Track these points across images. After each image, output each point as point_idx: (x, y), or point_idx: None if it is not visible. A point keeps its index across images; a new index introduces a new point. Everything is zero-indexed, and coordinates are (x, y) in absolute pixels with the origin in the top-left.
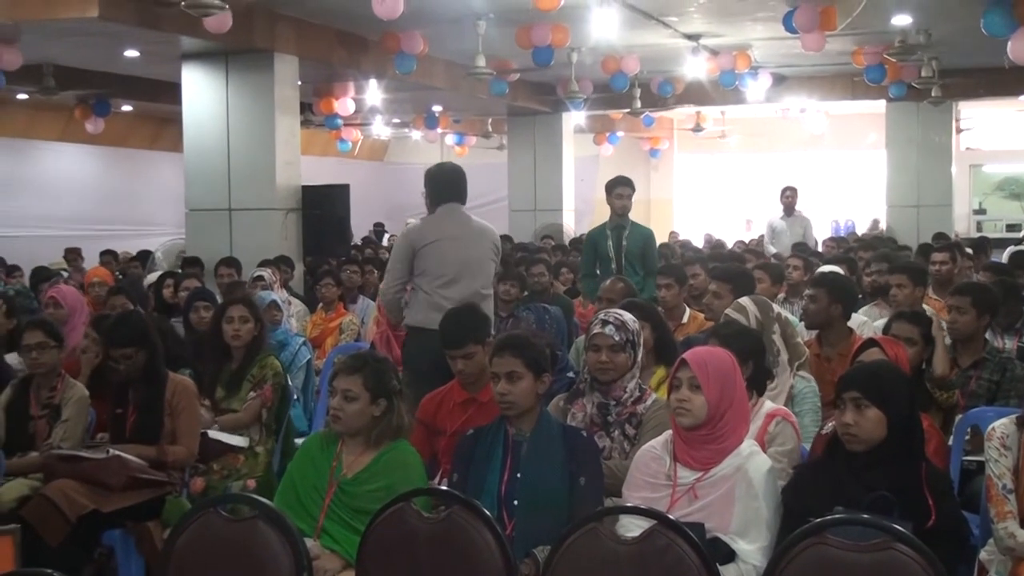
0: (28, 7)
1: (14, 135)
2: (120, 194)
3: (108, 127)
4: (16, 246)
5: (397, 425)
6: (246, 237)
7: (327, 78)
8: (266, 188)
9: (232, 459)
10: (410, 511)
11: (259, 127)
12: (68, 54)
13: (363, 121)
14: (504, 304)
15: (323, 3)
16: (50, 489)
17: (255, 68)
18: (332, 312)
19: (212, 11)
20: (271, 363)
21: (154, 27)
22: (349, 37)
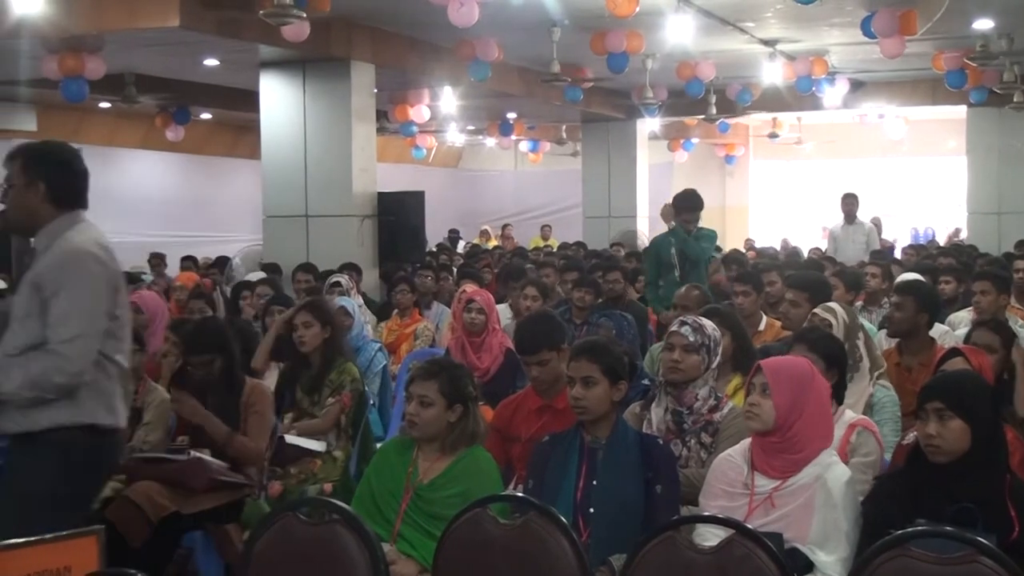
0: (111, 17)
1: (97, 143)
2: (199, 200)
3: (188, 135)
4: None
5: (473, 431)
6: (323, 243)
7: (402, 85)
8: (342, 195)
9: (310, 463)
10: (486, 517)
11: (336, 134)
12: (149, 63)
13: (438, 128)
14: (578, 311)
15: (399, 11)
16: (133, 491)
17: (332, 76)
18: (407, 318)
19: (290, 20)
20: (349, 369)
21: (233, 36)
22: (424, 45)
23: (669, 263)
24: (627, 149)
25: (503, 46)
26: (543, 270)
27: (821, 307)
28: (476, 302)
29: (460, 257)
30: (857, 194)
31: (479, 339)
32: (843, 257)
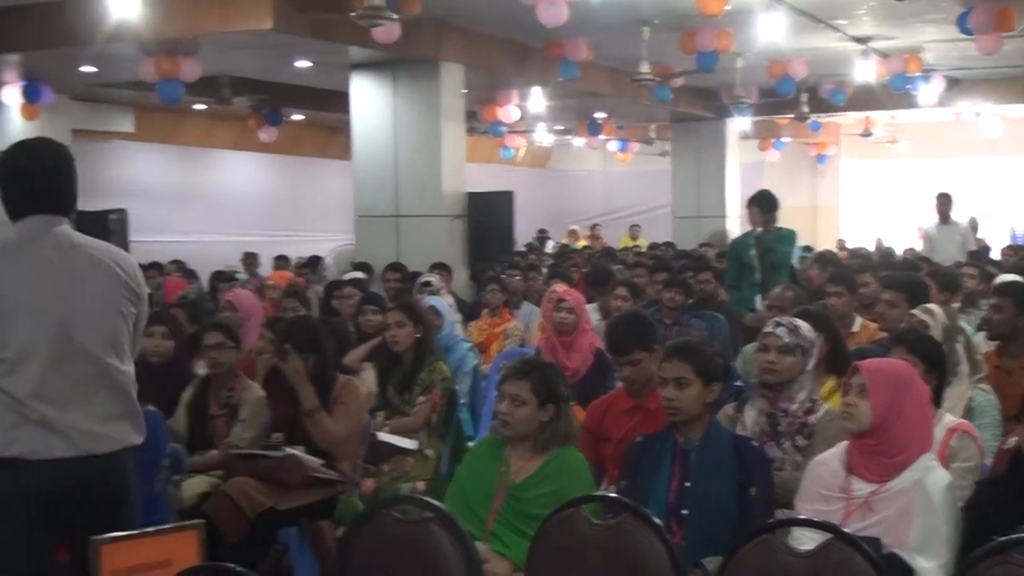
0: (206, 21)
1: (192, 144)
2: (291, 200)
3: (280, 135)
4: (193, 250)
5: (565, 431)
6: (413, 243)
7: (491, 86)
8: (432, 195)
9: (402, 461)
10: (580, 517)
11: (425, 135)
12: (242, 65)
13: (527, 128)
14: (669, 311)
15: (489, 12)
16: (230, 487)
17: (422, 77)
18: (497, 318)
19: (381, 21)
20: (440, 368)
21: (325, 38)
22: (513, 45)
23: (749, 265)
24: (717, 149)
25: (592, 45)
26: (635, 270)
27: (919, 308)
28: (566, 302)
29: (549, 257)
30: (951, 194)
31: (569, 339)
32: (939, 258)
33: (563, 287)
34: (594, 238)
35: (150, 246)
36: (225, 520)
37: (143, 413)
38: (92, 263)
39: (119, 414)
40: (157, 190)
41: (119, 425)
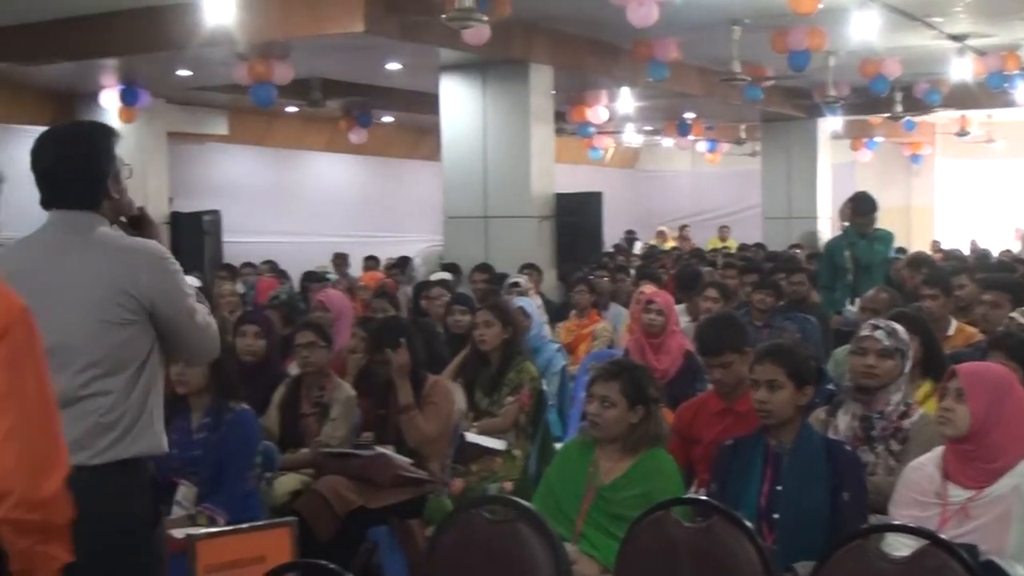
0: (298, 24)
1: (284, 146)
2: (380, 202)
3: (370, 137)
4: (285, 251)
5: (655, 433)
6: (501, 244)
7: (580, 87)
8: (521, 196)
9: (490, 462)
10: (670, 520)
11: (514, 136)
12: (334, 68)
13: (615, 129)
14: (759, 313)
15: (578, 13)
16: (321, 485)
17: (511, 78)
18: (585, 319)
19: (472, 24)
20: (527, 368)
21: (415, 40)
22: (602, 46)
23: (843, 267)
24: (808, 149)
25: (682, 45)
26: (726, 271)
27: (1019, 312)
28: (655, 303)
29: (637, 258)
30: None
31: (658, 340)
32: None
33: (652, 288)
34: (683, 239)
35: (242, 247)
36: (316, 518)
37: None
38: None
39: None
40: (250, 191)
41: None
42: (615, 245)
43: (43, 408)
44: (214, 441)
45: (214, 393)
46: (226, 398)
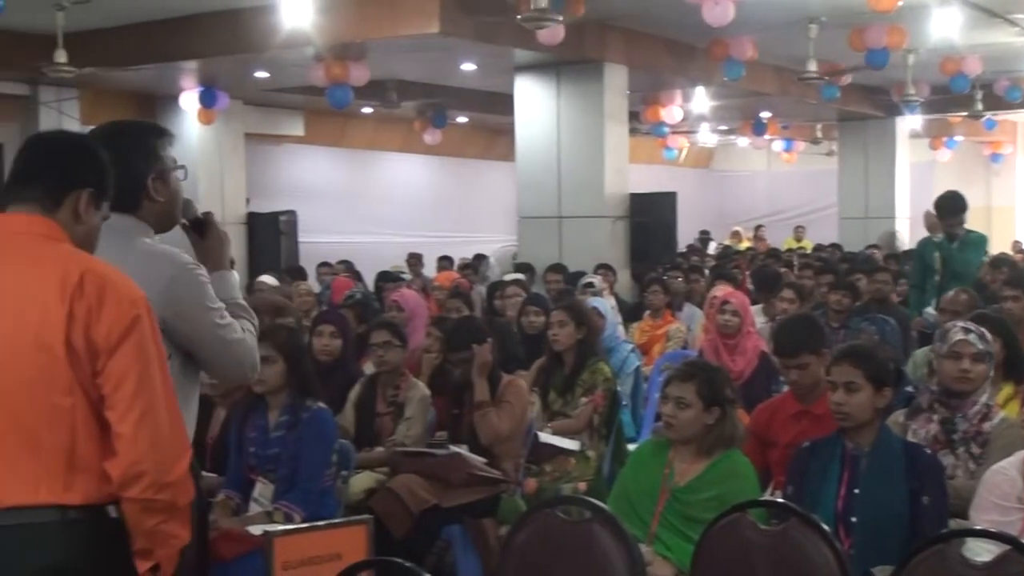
0: (374, 26)
1: (359, 147)
2: (454, 202)
3: (444, 138)
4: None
5: (730, 434)
6: (575, 244)
7: (655, 86)
8: (595, 196)
9: (563, 462)
10: (746, 522)
11: (589, 136)
12: (409, 69)
13: (689, 128)
14: (835, 314)
15: (653, 12)
16: (395, 483)
17: (585, 78)
18: (659, 319)
19: (547, 24)
20: (601, 369)
21: (490, 41)
22: (677, 45)
23: (932, 268)
24: (886, 148)
25: (758, 44)
26: (802, 272)
27: None
28: (731, 304)
29: (711, 258)
30: None
31: (733, 341)
32: None
33: (727, 288)
34: (758, 239)
35: (318, 247)
36: (391, 516)
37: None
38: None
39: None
40: (325, 192)
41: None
42: (689, 245)
43: (168, 394)
44: (291, 439)
45: (291, 391)
46: (303, 396)
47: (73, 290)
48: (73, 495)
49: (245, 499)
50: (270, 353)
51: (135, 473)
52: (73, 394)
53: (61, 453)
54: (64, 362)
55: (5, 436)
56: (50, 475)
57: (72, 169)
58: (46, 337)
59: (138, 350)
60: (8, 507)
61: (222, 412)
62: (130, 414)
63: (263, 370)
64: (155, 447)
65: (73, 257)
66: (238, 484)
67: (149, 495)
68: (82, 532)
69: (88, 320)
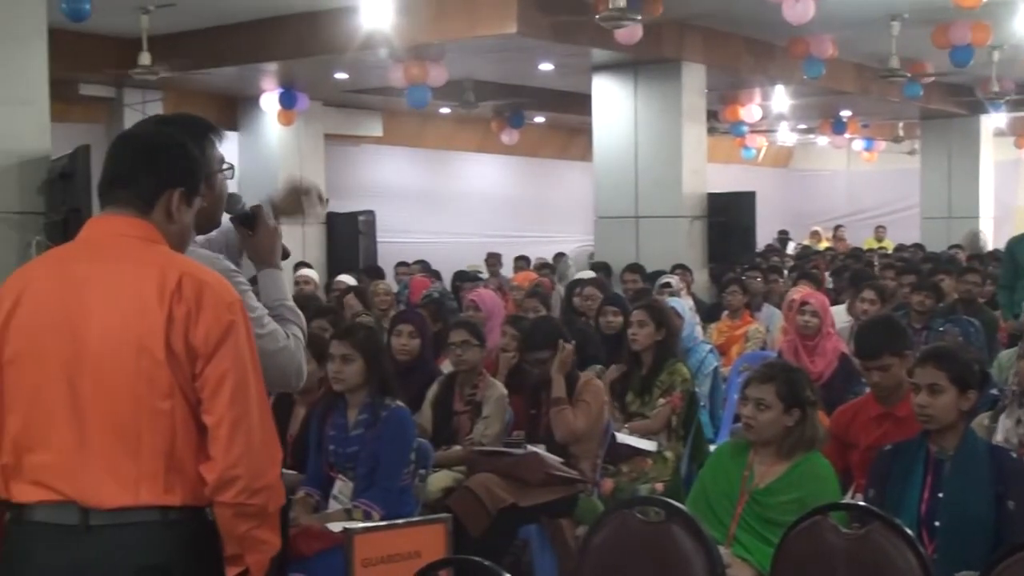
0: (452, 26)
1: (437, 147)
2: (531, 202)
3: (521, 138)
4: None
5: (811, 436)
6: (652, 244)
7: (733, 85)
8: (672, 196)
9: (641, 462)
10: (827, 525)
11: (666, 136)
12: (486, 69)
13: (768, 127)
14: (918, 316)
15: (731, 11)
16: (473, 482)
17: (663, 77)
18: (738, 320)
19: (625, 23)
20: (680, 370)
21: (568, 40)
22: (756, 43)
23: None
24: (970, 146)
25: (838, 42)
26: (883, 272)
27: None
28: (810, 304)
29: (790, 258)
30: None
31: (812, 342)
32: None
33: (807, 289)
34: (837, 239)
35: (396, 246)
36: (468, 515)
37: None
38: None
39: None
40: (403, 192)
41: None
42: (768, 245)
43: (261, 400)
44: (370, 437)
45: (371, 390)
46: (382, 395)
47: (172, 293)
48: (173, 496)
49: (325, 496)
50: (350, 352)
51: (229, 477)
52: (173, 397)
53: (161, 455)
54: (164, 365)
55: (107, 438)
56: (150, 477)
57: (163, 169)
58: (147, 340)
59: (235, 355)
60: (111, 508)
61: (302, 410)
62: (226, 418)
63: (343, 368)
64: (249, 452)
65: (171, 260)
66: (318, 482)
67: (242, 499)
68: (183, 533)
69: (187, 323)
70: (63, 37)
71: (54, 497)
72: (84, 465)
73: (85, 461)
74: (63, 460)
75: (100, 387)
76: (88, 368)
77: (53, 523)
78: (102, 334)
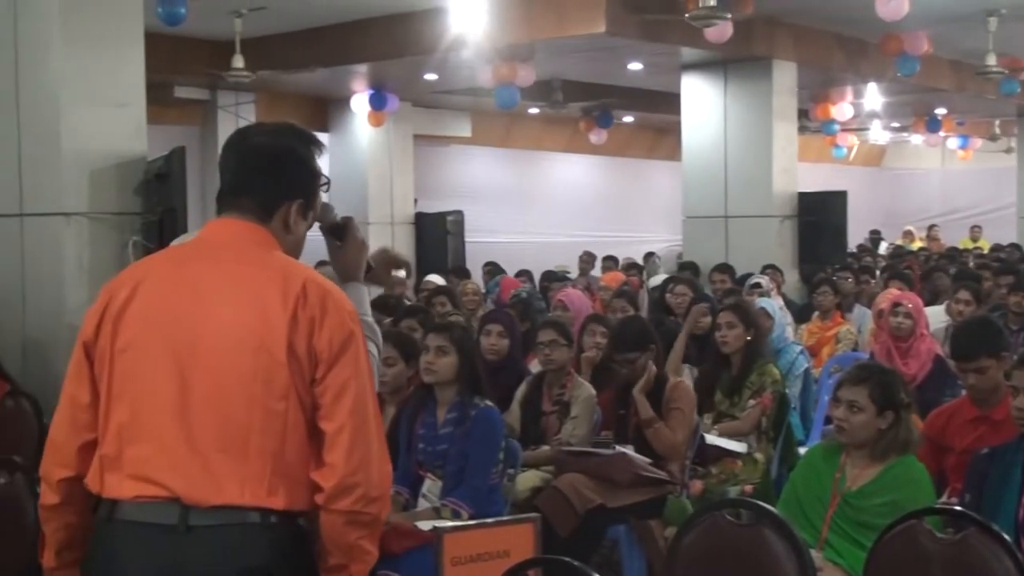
0: (542, 26)
1: (525, 147)
2: (619, 202)
3: (610, 138)
4: (525, 251)
5: (905, 439)
6: (741, 244)
7: (824, 83)
8: (762, 195)
9: (730, 464)
10: (922, 530)
11: (756, 135)
12: (575, 69)
13: (860, 126)
14: (1015, 317)
15: (823, 8)
16: (561, 482)
17: (753, 76)
18: (829, 320)
19: (715, 22)
20: (770, 371)
21: (657, 40)
22: (848, 41)
23: None
24: None
25: (933, 38)
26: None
27: None
28: (903, 306)
29: (882, 259)
30: None
31: (906, 344)
32: None
33: (900, 290)
34: (931, 239)
35: (484, 246)
36: (556, 515)
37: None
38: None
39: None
40: (491, 192)
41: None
42: (859, 245)
43: (376, 410)
44: (460, 435)
45: (461, 387)
46: (472, 394)
47: (297, 297)
48: (276, 499)
49: (414, 495)
50: (445, 344)
51: (349, 484)
52: (288, 399)
53: (268, 457)
54: (284, 366)
55: (215, 435)
56: (256, 478)
57: (284, 181)
58: (267, 340)
59: (356, 363)
60: (214, 506)
61: (392, 409)
62: (348, 426)
63: (437, 360)
64: (368, 461)
65: (293, 265)
66: (407, 480)
67: (359, 508)
68: (283, 537)
69: (311, 328)
70: (159, 41)
71: (153, 492)
72: (189, 460)
73: (190, 456)
74: (167, 454)
75: (213, 383)
76: (202, 363)
77: (149, 522)
78: (219, 331)
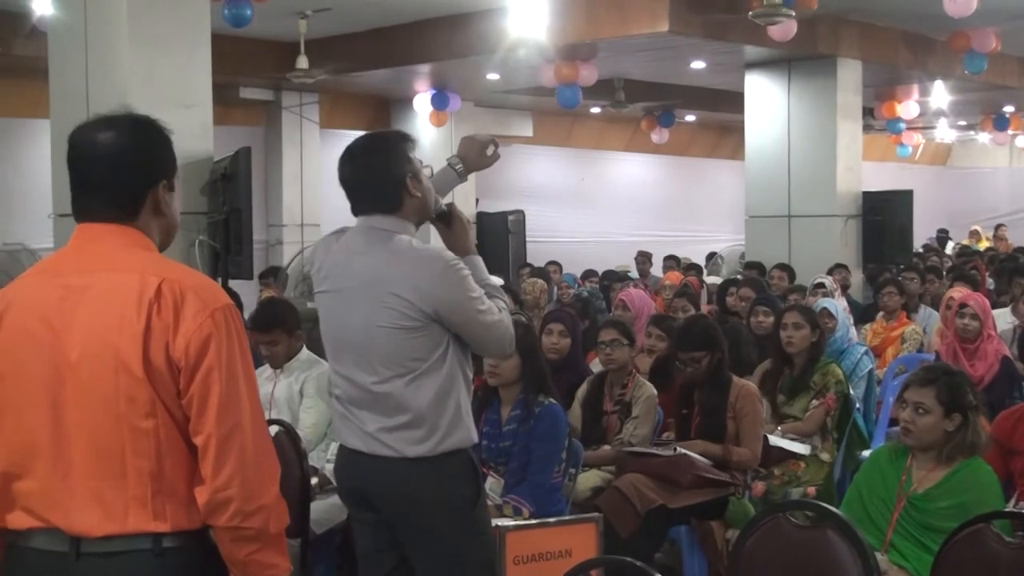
0: (604, 26)
1: (586, 146)
2: (680, 201)
3: (671, 137)
4: (586, 250)
5: (972, 442)
6: (805, 244)
7: (889, 81)
8: (826, 194)
9: (793, 465)
10: (990, 534)
11: (820, 133)
12: (637, 68)
13: (926, 124)
14: None
15: (889, 5)
16: (622, 482)
17: (817, 74)
18: (894, 321)
19: (779, 19)
20: (833, 371)
21: (720, 38)
22: (915, 38)
23: None
24: None
25: (1001, 35)
26: None
27: None
28: (970, 307)
29: (948, 258)
30: None
31: (973, 346)
32: None
33: (966, 290)
34: (998, 239)
35: (545, 245)
36: (617, 515)
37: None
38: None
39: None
40: (552, 192)
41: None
42: (924, 245)
43: (256, 413)
44: (523, 433)
45: (524, 386)
46: (536, 392)
47: (150, 303)
48: (162, 523)
49: None
50: None
51: (220, 500)
52: (156, 416)
53: (147, 479)
54: (143, 382)
55: (91, 462)
56: (138, 502)
57: (141, 171)
58: (123, 355)
59: (219, 366)
60: (98, 536)
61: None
62: (214, 437)
63: (499, 363)
64: (241, 471)
65: (153, 265)
66: None
67: (236, 523)
68: (178, 561)
69: (166, 336)
70: (225, 42)
71: (42, 525)
72: (69, 492)
73: (70, 487)
74: (48, 487)
75: (82, 408)
76: (70, 388)
77: (47, 549)
78: (83, 351)
